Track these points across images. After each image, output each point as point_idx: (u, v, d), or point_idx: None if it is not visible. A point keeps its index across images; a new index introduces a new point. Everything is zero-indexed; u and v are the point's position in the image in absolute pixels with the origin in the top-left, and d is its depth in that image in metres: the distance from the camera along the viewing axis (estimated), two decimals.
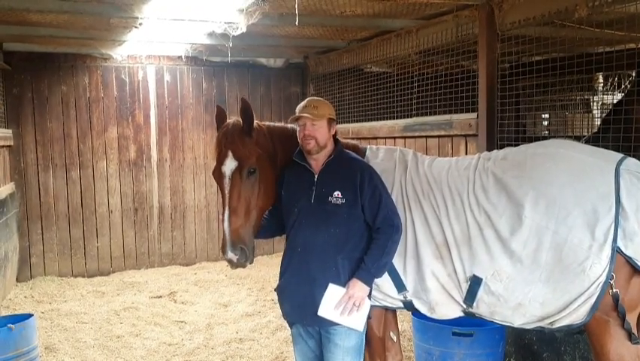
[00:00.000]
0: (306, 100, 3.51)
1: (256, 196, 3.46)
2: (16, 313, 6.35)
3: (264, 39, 7.50)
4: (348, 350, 3.37)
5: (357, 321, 3.34)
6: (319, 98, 3.61)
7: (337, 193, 3.37)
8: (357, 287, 3.30)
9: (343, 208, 3.35)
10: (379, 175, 3.50)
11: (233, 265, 3.43)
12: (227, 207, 3.40)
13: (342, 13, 5.90)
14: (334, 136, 3.55)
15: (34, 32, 6.87)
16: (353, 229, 3.37)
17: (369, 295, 3.45)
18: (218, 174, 3.47)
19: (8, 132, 8.07)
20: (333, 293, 3.32)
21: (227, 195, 3.42)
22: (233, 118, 3.61)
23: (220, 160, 3.46)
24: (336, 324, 3.33)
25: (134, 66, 8.93)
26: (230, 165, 3.42)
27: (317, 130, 3.40)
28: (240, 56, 8.74)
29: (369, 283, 3.35)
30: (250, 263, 3.48)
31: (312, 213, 3.40)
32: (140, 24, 5.93)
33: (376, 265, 3.33)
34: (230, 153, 3.42)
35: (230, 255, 3.37)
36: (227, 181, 3.42)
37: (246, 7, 5.26)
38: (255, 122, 3.55)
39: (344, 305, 3.29)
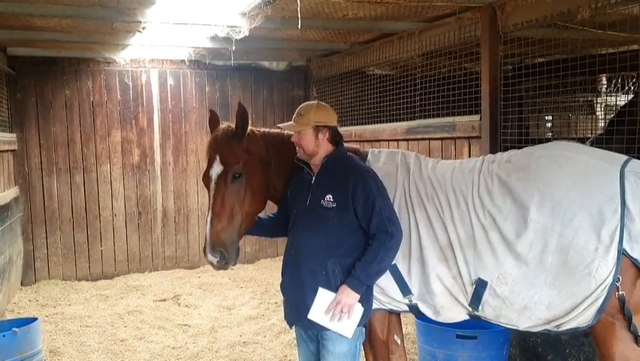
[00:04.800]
0: (299, 106, 3.51)
1: (241, 201, 3.48)
2: (21, 316, 6.35)
3: (267, 42, 7.51)
4: (339, 356, 3.35)
5: (346, 328, 3.30)
6: (310, 104, 3.52)
7: (329, 197, 3.34)
8: (345, 294, 3.26)
9: (333, 212, 3.32)
10: (378, 180, 3.43)
11: (215, 267, 3.48)
12: (210, 211, 3.44)
13: (344, 16, 5.90)
14: (338, 139, 3.53)
15: (38, 37, 6.89)
16: (345, 234, 3.33)
17: (370, 302, 3.44)
18: (206, 178, 3.52)
19: (12, 136, 8.10)
20: (324, 298, 3.29)
21: (211, 199, 3.46)
22: (225, 123, 3.63)
23: (208, 164, 3.51)
24: (327, 329, 3.32)
25: (138, 70, 8.95)
26: (216, 169, 3.46)
27: (302, 138, 3.41)
28: (243, 59, 8.76)
29: (358, 290, 3.28)
30: (232, 265, 3.50)
31: (306, 216, 3.41)
32: (144, 28, 5.94)
33: (366, 273, 3.27)
34: (217, 157, 3.47)
35: (210, 258, 3.43)
36: (212, 185, 3.46)
37: (248, 10, 5.27)
38: (250, 128, 3.58)
39: (333, 311, 3.27)
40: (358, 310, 3.32)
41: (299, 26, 5.15)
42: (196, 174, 9.33)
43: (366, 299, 3.39)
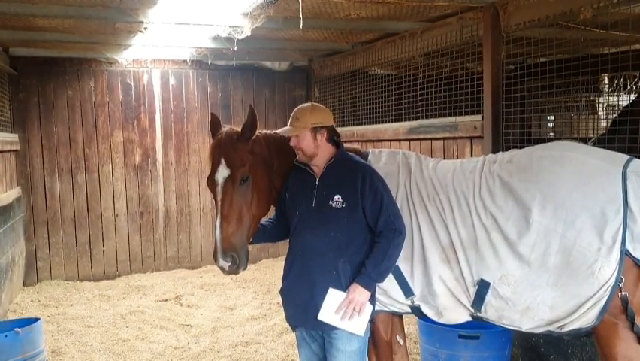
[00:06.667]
0: (294, 110, 3.51)
1: (249, 204, 3.47)
2: (23, 317, 6.36)
3: (269, 42, 7.52)
4: (350, 355, 3.36)
5: (358, 326, 3.32)
6: (305, 106, 3.53)
7: (337, 197, 3.35)
8: (357, 292, 3.29)
9: (344, 212, 3.34)
10: (381, 178, 3.48)
11: (225, 272, 3.45)
12: (219, 215, 3.41)
13: (346, 15, 5.89)
14: (336, 139, 3.54)
15: (40, 37, 6.90)
16: (354, 233, 3.35)
17: (374, 300, 3.45)
18: (211, 182, 3.49)
19: (14, 137, 8.11)
20: (334, 297, 3.30)
21: (219, 203, 3.43)
22: (227, 126, 3.63)
23: (213, 168, 3.48)
24: (338, 328, 3.32)
25: (140, 70, 8.95)
26: (222, 172, 3.43)
27: (301, 141, 3.41)
28: (245, 59, 8.77)
29: (369, 287, 3.33)
30: (243, 269, 3.48)
31: (313, 217, 3.40)
32: (146, 28, 5.95)
33: (377, 270, 3.31)
34: (223, 161, 3.44)
35: (222, 263, 3.40)
36: (219, 189, 3.43)
37: (250, 10, 5.27)
38: None
39: (344, 310, 3.28)
40: (368, 307, 3.35)
41: (301, 26, 5.15)
42: (198, 174, 9.34)
43: (372, 296, 3.42)
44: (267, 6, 5.05)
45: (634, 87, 7.98)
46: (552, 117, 9.72)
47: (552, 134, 9.74)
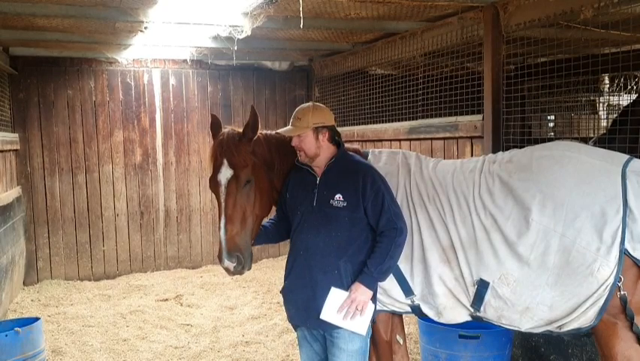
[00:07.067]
0: (295, 110, 3.52)
1: (252, 204, 3.47)
2: (23, 316, 6.36)
3: (269, 42, 7.52)
4: (352, 354, 3.37)
5: (360, 325, 3.33)
6: (306, 106, 3.53)
7: (339, 196, 3.36)
8: (360, 291, 3.30)
9: (344, 211, 3.34)
10: (383, 177, 3.48)
11: (230, 272, 3.46)
12: (223, 216, 3.42)
13: (346, 15, 5.89)
14: (337, 139, 3.55)
15: (41, 37, 6.90)
16: (355, 232, 3.36)
17: (375, 299, 3.45)
18: (214, 183, 3.49)
19: (15, 136, 8.12)
20: (336, 297, 3.31)
21: (222, 204, 3.43)
22: (228, 127, 3.63)
23: (216, 169, 3.48)
24: (340, 328, 3.33)
25: (140, 70, 8.96)
26: (225, 173, 3.44)
27: (302, 142, 3.42)
28: (245, 59, 8.78)
29: (372, 287, 3.34)
30: (248, 270, 3.49)
31: (314, 216, 3.41)
32: (146, 28, 5.95)
33: (379, 269, 3.31)
34: (225, 162, 3.44)
35: (227, 263, 3.40)
36: (222, 190, 3.43)
37: (250, 10, 5.27)
38: None
39: (346, 309, 3.29)
40: (370, 307, 3.36)
41: (301, 26, 5.15)
42: (198, 174, 9.34)
43: (374, 295, 3.42)
44: (268, 5, 5.05)
45: (634, 87, 7.98)
46: (552, 117, 9.72)
47: (552, 134, 9.73)
